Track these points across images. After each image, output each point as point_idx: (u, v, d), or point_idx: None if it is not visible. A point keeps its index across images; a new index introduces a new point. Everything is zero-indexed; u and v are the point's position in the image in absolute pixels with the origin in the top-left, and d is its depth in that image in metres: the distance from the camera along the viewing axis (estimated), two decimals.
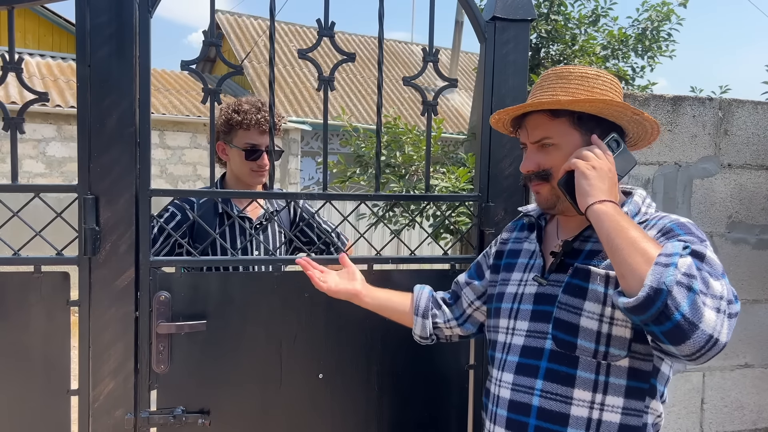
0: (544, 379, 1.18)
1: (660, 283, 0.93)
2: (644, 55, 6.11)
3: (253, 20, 12.68)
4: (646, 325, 0.97)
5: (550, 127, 1.20)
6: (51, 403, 1.51)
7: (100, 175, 1.47)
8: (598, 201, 1.08)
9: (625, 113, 1.18)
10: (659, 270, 0.94)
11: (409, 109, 11.57)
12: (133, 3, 1.46)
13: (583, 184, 1.11)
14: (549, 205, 1.25)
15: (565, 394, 1.16)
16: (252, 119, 1.98)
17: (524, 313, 1.25)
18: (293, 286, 1.62)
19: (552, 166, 1.21)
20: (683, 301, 0.92)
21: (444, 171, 3.99)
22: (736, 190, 2.06)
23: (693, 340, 0.93)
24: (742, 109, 2.04)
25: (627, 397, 1.15)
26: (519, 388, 1.21)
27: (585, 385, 1.15)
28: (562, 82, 1.21)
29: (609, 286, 1.13)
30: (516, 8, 1.67)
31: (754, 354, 2.12)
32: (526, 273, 1.30)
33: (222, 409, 1.58)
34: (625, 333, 1.13)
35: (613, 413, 1.14)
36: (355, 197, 1.72)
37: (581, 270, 1.17)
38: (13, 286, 1.49)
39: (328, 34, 1.58)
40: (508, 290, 1.32)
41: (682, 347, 0.94)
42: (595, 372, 1.14)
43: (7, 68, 1.46)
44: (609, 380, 1.14)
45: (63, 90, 8.61)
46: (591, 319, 1.14)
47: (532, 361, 1.21)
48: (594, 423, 1.14)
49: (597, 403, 1.14)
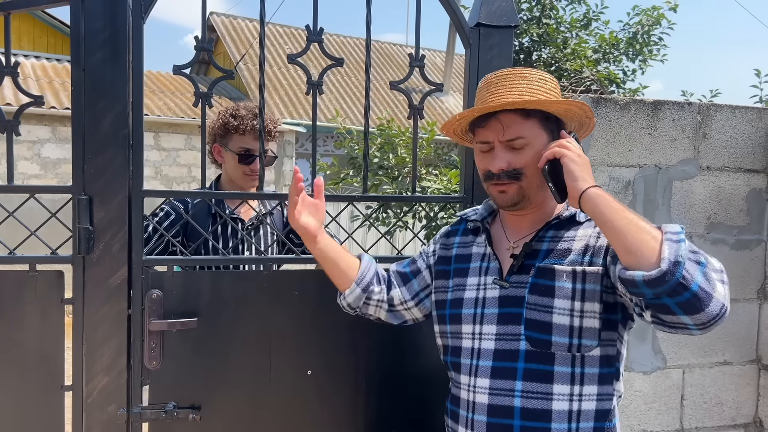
0: (523, 379, 1.21)
1: (677, 256, 0.99)
2: (635, 58, 6.19)
3: (248, 22, 12.72)
4: (658, 298, 1.00)
5: (522, 127, 1.22)
6: (45, 398, 1.55)
7: (94, 177, 1.51)
8: (592, 185, 1.12)
9: (585, 114, 1.26)
10: (674, 246, 1.00)
11: (403, 112, 11.61)
12: (126, 9, 1.50)
13: (575, 169, 1.14)
14: (512, 203, 1.26)
15: (545, 391, 1.20)
16: (248, 125, 2.02)
17: (490, 317, 1.26)
18: (283, 285, 1.66)
19: (524, 166, 1.23)
20: (695, 274, 0.99)
21: (436, 173, 4.05)
22: (715, 192, 2.12)
23: (710, 309, 0.99)
24: (720, 113, 2.09)
25: (600, 384, 1.21)
26: (498, 391, 1.22)
27: (563, 380, 1.19)
28: (525, 82, 1.24)
29: (577, 281, 1.19)
30: (500, 15, 1.72)
31: (732, 352, 2.17)
32: (482, 277, 1.31)
33: (212, 405, 1.62)
34: (594, 324, 1.19)
35: (589, 401, 1.20)
36: (344, 198, 1.76)
37: (546, 269, 1.22)
38: (9, 284, 1.52)
39: (317, 40, 1.62)
40: (466, 296, 1.32)
41: (698, 316, 1.00)
42: (570, 365, 1.19)
43: (4, 72, 1.50)
44: (584, 371, 1.20)
45: (58, 91, 8.63)
46: (562, 315, 1.19)
47: (507, 364, 1.23)
48: (575, 414, 1.19)
49: (576, 395, 1.19)
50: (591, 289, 1.19)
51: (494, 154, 1.24)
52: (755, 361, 2.21)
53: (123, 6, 1.49)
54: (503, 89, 1.23)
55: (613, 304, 1.21)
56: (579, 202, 1.13)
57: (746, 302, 2.19)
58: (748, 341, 2.20)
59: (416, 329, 1.56)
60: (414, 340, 1.70)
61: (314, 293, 1.67)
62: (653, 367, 2.11)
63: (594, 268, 1.20)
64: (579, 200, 1.13)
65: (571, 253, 1.22)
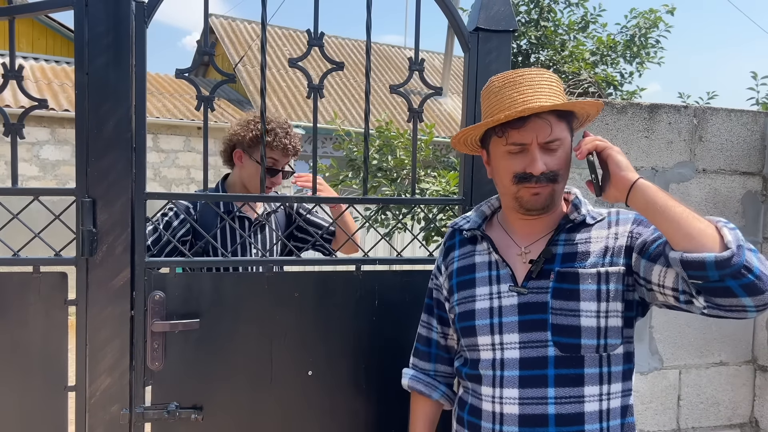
0: (555, 386, 1.20)
1: (740, 240, 1.04)
2: (632, 61, 6.21)
3: (246, 24, 12.73)
4: (722, 280, 1.02)
5: (557, 129, 1.19)
6: (49, 398, 1.56)
7: (98, 179, 1.52)
8: (641, 177, 1.15)
9: (595, 115, 1.30)
10: (733, 232, 1.05)
11: (402, 113, 11.64)
12: (129, 14, 1.52)
13: (622, 160, 1.16)
14: (544, 205, 1.23)
15: (577, 394, 1.21)
16: (280, 143, 2.10)
17: (510, 325, 1.24)
18: (284, 286, 1.68)
19: (559, 168, 1.21)
20: (753, 259, 1.04)
21: (435, 175, 4.06)
22: (711, 194, 2.14)
23: None
24: (716, 116, 2.12)
25: (623, 381, 1.25)
26: (529, 401, 1.21)
27: (593, 381, 1.21)
28: (547, 83, 1.22)
29: (601, 282, 1.21)
30: (498, 20, 1.74)
31: (729, 352, 2.19)
32: (494, 285, 1.28)
33: (214, 405, 1.63)
34: (617, 323, 1.22)
35: (616, 399, 1.23)
36: (343, 200, 1.78)
37: (568, 273, 1.22)
38: (13, 285, 1.54)
39: (318, 44, 1.64)
40: (478, 306, 1.28)
41: (761, 297, 1.03)
42: (599, 365, 1.22)
43: (8, 76, 1.51)
44: (611, 370, 1.23)
45: (57, 93, 8.63)
46: (590, 317, 1.20)
47: (537, 372, 1.21)
48: (605, 413, 1.22)
49: (605, 394, 1.22)
50: (614, 288, 1.21)
51: (531, 155, 1.19)
52: (751, 361, 2.23)
53: (126, 11, 1.51)
54: (531, 89, 1.20)
55: (631, 302, 1.24)
56: (628, 192, 1.14)
57: None
58: (743, 342, 2.22)
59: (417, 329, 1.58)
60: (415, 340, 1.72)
61: (315, 294, 1.69)
62: (650, 367, 2.13)
63: (616, 268, 1.22)
64: (629, 190, 1.14)
65: (591, 255, 1.23)
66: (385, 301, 1.72)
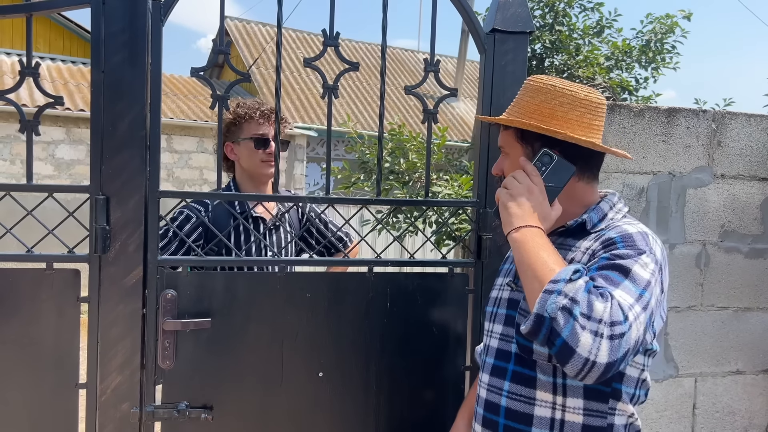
0: (511, 381, 1.24)
1: (542, 310, 1.01)
2: (648, 66, 6.16)
3: (261, 27, 12.80)
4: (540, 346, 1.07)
5: (504, 137, 1.31)
6: (60, 395, 1.56)
7: (111, 177, 1.52)
8: (514, 229, 1.16)
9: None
10: (544, 297, 1.02)
11: (414, 117, 11.63)
12: (146, 12, 1.52)
13: (502, 213, 1.21)
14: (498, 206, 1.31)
15: (528, 395, 1.21)
16: (257, 111, 2.09)
17: (500, 317, 1.32)
18: (296, 287, 1.67)
19: (506, 173, 1.30)
20: (564, 327, 0.99)
21: (447, 178, 4.05)
22: (729, 200, 2.11)
23: (572, 363, 1.00)
24: (735, 121, 2.08)
25: (587, 399, 1.18)
26: (492, 388, 1.28)
27: (545, 387, 1.19)
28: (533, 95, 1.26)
29: None
30: (515, 21, 1.73)
31: (745, 361, 2.16)
32: (505, 278, 1.36)
33: (224, 405, 1.63)
34: None
35: (574, 414, 1.18)
36: (356, 201, 1.77)
37: None
38: (26, 282, 1.54)
39: (333, 44, 1.63)
40: (492, 294, 1.39)
41: (567, 368, 1.02)
42: (552, 375, 1.19)
43: (25, 73, 1.52)
44: (566, 382, 1.18)
45: (72, 93, 8.72)
46: None
47: (502, 364, 1.27)
48: (557, 423, 1.18)
49: (558, 404, 1.19)
50: None
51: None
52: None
53: (143, 9, 1.51)
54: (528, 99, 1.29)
55: None
56: None
57: (760, 311, 2.18)
58: (761, 350, 2.18)
59: (428, 332, 1.57)
60: (426, 343, 1.70)
61: (326, 295, 1.68)
62: (665, 374, 2.09)
63: None
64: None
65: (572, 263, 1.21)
66: (397, 303, 1.71)
